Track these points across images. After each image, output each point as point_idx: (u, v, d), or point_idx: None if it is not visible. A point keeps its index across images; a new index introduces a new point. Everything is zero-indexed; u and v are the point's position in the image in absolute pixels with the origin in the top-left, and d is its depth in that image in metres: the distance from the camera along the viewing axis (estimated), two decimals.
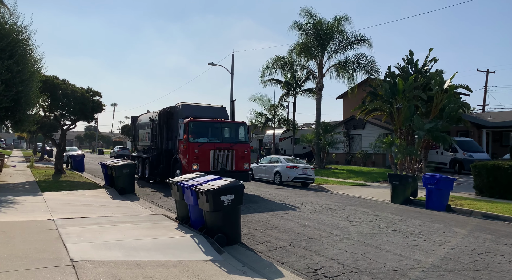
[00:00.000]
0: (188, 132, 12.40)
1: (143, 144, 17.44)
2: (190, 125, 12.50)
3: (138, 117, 19.02)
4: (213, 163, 12.32)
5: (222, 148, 12.52)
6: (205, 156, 12.23)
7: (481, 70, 35.89)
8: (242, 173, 12.78)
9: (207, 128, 13.15)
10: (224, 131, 13.12)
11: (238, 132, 13.48)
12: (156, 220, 7.80)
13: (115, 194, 11.88)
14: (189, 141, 12.27)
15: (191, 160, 12.14)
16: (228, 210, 6.18)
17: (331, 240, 6.71)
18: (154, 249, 5.53)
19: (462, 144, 21.41)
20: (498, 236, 7.45)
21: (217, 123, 13.18)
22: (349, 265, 5.32)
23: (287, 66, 28.38)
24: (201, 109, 14.48)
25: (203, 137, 12.72)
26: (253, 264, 5.32)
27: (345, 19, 25.54)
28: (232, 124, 13.85)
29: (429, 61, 20.27)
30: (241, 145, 13.01)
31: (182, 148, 12.56)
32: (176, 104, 14.78)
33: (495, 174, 12.26)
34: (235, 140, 13.19)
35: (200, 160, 12.13)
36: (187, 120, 12.65)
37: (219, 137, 12.91)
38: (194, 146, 12.21)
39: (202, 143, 12.37)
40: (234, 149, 12.71)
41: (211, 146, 12.43)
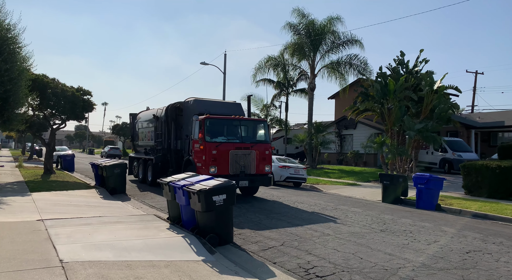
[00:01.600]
0: (204, 130, 10.86)
1: (144, 144, 16.03)
2: (207, 123, 10.97)
3: (137, 115, 17.53)
4: (232, 166, 10.84)
5: (241, 148, 11.05)
6: (223, 157, 10.76)
7: (470, 72, 36.41)
8: (264, 176, 11.38)
9: (224, 127, 11.76)
10: (243, 129, 11.64)
11: (258, 131, 12.04)
12: (148, 220, 7.74)
13: (105, 194, 11.76)
14: (206, 140, 10.76)
15: (208, 162, 10.62)
16: (220, 210, 6.17)
17: (322, 240, 6.74)
18: (145, 249, 5.49)
19: (451, 144, 21.69)
20: (486, 235, 7.57)
21: (235, 121, 11.61)
22: (340, 265, 5.35)
23: (279, 66, 28.45)
24: (215, 105, 12.86)
25: (221, 137, 11.27)
26: (245, 264, 5.32)
27: (337, 20, 25.69)
28: (251, 122, 12.27)
29: (420, 62, 20.49)
30: (262, 144, 11.56)
31: (197, 149, 11.10)
32: (187, 100, 13.21)
33: (483, 174, 12.44)
34: (255, 139, 11.77)
35: (218, 162, 10.65)
36: (202, 117, 11.14)
37: (238, 137, 11.41)
38: (211, 146, 10.72)
39: (220, 143, 10.87)
40: (255, 150, 11.24)
41: (230, 146, 10.95)
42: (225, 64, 28.55)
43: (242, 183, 10.68)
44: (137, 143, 17.22)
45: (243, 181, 10.72)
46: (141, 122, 16.59)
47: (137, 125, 17.13)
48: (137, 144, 17.23)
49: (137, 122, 17.16)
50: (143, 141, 16.15)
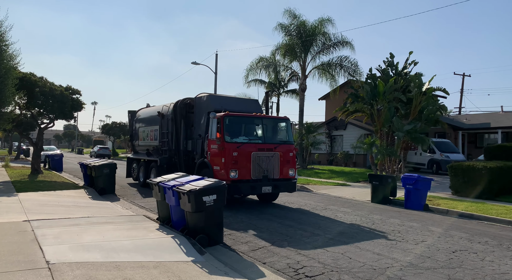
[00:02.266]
0: (223, 129, 9.65)
1: (145, 144, 14.62)
2: (226, 121, 9.76)
3: (137, 112, 16.21)
4: (255, 169, 9.64)
5: (264, 149, 9.84)
6: (245, 160, 9.56)
7: (457, 74, 37.10)
8: (288, 181, 10.21)
9: (244, 125, 10.72)
10: (265, 129, 10.39)
11: (280, 130, 10.89)
12: (137, 221, 7.68)
13: (94, 195, 11.63)
14: (226, 140, 9.56)
15: (228, 165, 9.39)
16: (210, 211, 6.16)
17: (312, 240, 6.77)
18: (134, 250, 5.45)
19: (439, 145, 22.02)
20: (472, 234, 7.70)
21: (257, 119, 10.51)
22: (329, 264, 5.39)
23: (271, 67, 28.50)
24: (231, 102, 11.62)
25: (242, 136, 10.15)
26: (235, 265, 5.32)
27: (328, 21, 25.83)
28: (274, 120, 11.14)
29: (409, 64, 20.74)
30: (285, 145, 10.36)
31: (214, 150, 9.86)
32: (198, 95, 11.86)
33: (470, 174, 12.66)
34: (279, 139, 10.62)
35: (239, 165, 9.46)
36: (221, 114, 9.90)
37: (260, 137, 10.26)
38: (232, 147, 9.49)
39: (241, 143, 9.69)
40: (278, 151, 10.02)
41: (252, 147, 9.74)
42: (216, 64, 28.49)
43: (265, 188, 9.65)
44: (136, 142, 15.76)
45: (266, 187, 9.64)
46: (142, 121, 15.33)
47: (137, 124, 15.78)
48: (136, 144, 15.78)
49: (137, 120, 15.86)
50: (145, 141, 14.79)
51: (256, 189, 9.50)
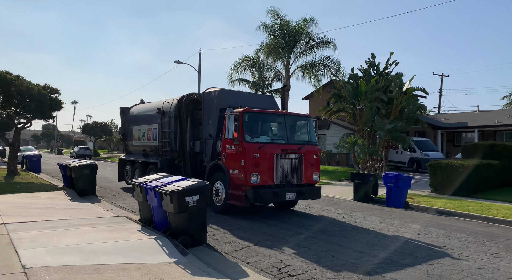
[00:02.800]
0: (242, 127, 8.56)
1: (142, 144, 13.16)
2: (245, 118, 8.68)
3: (130, 109, 14.67)
4: (278, 173, 8.53)
5: (288, 151, 8.73)
6: (267, 162, 8.44)
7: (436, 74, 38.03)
8: (312, 187, 9.13)
9: (265, 124, 9.67)
10: (288, 127, 9.25)
11: (303, 129, 9.78)
12: (118, 222, 7.55)
13: (74, 196, 11.36)
14: (246, 140, 8.44)
15: (248, 169, 8.24)
16: (193, 211, 6.10)
17: (296, 239, 6.82)
18: (115, 252, 5.34)
19: (419, 144, 22.53)
20: (450, 231, 7.92)
21: (279, 117, 9.37)
22: (312, 263, 5.44)
23: (255, 66, 28.51)
24: (245, 98, 10.47)
25: (264, 136, 9.07)
26: (218, 265, 5.30)
27: (311, 21, 26.03)
28: (296, 118, 9.75)
29: (390, 64, 21.12)
30: (309, 146, 9.23)
31: (231, 151, 8.72)
32: (208, 90, 10.58)
33: (448, 172, 13.01)
34: (302, 139, 9.53)
35: (261, 169, 8.35)
36: (240, 110, 8.78)
37: (283, 136, 9.14)
38: (253, 148, 8.37)
39: (263, 144, 8.57)
40: (302, 153, 8.93)
41: (275, 148, 8.63)
42: (199, 63, 28.40)
43: (289, 195, 8.55)
44: (130, 142, 14.12)
45: (290, 193, 8.57)
46: (137, 118, 13.79)
47: (130, 122, 14.21)
48: (130, 144, 14.15)
49: (131, 118, 14.27)
50: (141, 141, 13.28)
51: (279, 195, 8.42)
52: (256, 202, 8.39)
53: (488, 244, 6.83)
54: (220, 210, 8.99)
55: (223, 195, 8.92)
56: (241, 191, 8.34)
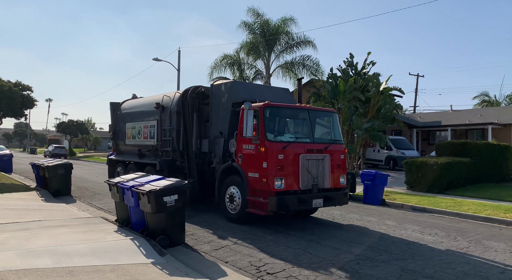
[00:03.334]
0: (263, 124, 7.51)
1: (136, 144, 11.82)
2: (266, 113, 7.63)
3: (121, 104, 13.32)
4: (303, 177, 7.50)
5: (314, 151, 7.74)
6: (291, 164, 7.42)
7: (412, 74, 39.06)
8: (339, 191, 8.12)
9: (287, 120, 8.69)
10: (312, 124, 8.22)
11: (328, 126, 8.76)
12: (94, 223, 7.36)
13: (48, 197, 11.01)
14: (268, 139, 7.43)
15: (271, 172, 7.23)
16: (171, 211, 6.03)
17: (274, 237, 6.85)
18: (90, 254, 5.21)
19: (396, 142, 23.11)
20: (424, 227, 8.17)
21: (303, 112, 8.28)
22: (291, 261, 5.49)
23: (235, 65, 28.45)
24: (261, 91, 9.42)
25: (287, 134, 8.13)
26: (197, 265, 5.26)
27: (291, 21, 26.22)
28: (320, 113, 8.79)
29: (368, 64, 21.51)
30: (336, 146, 8.23)
31: (250, 151, 7.67)
32: (217, 82, 9.48)
33: (422, 170, 13.40)
34: (328, 138, 8.51)
35: (285, 172, 7.33)
36: (260, 104, 7.70)
37: (308, 134, 8.12)
38: (277, 148, 7.37)
39: (288, 143, 7.56)
40: (329, 153, 7.93)
41: (300, 148, 7.60)
42: (179, 61, 28.01)
43: (316, 202, 7.52)
44: (122, 141, 12.78)
45: (317, 199, 7.54)
46: (131, 115, 12.48)
47: (122, 118, 12.88)
48: (122, 143, 12.82)
49: (123, 114, 12.92)
50: (135, 139, 11.96)
51: (306, 202, 7.40)
52: (281, 210, 7.34)
53: (459, 239, 7.09)
54: (236, 218, 7.86)
55: (239, 201, 7.77)
56: (262, 198, 7.25)
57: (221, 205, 8.22)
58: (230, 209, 8.02)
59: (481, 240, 7.10)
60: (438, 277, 4.95)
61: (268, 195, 7.16)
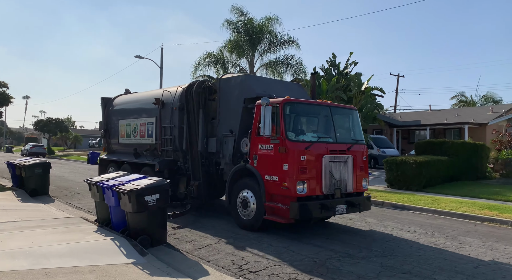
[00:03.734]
0: (283, 122, 6.80)
1: (131, 142, 10.94)
2: (286, 110, 6.96)
3: (113, 100, 12.41)
4: (327, 180, 6.85)
5: (337, 152, 7.10)
6: (314, 167, 6.79)
7: (393, 74, 39.82)
8: (362, 196, 7.58)
9: (308, 118, 8.03)
10: (334, 122, 7.52)
11: (347, 124, 8.10)
12: (73, 223, 7.20)
13: (24, 197, 10.70)
14: (289, 138, 6.75)
15: (293, 175, 6.56)
16: (153, 211, 5.98)
17: (257, 235, 6.87)
18: (68, 255, 5.10)
19: (376, 141, 23.55)
20: (403, 224, 8.36)
21: (325, 109, 7.60)
22: (273, 259, 5.52)
23: (219, 63, 28.31)
24: (274, 85, 8.72)
25: (310, 133, 7.48)
26: (178, 264, 5.23)
27: (275, 20, 26.30)
28: (342, 110, 8.05)
29: (350, 64, 21.82)
30: (358, 146, 7.62)
31: (268, 152, 6.99)
32: (225, 76, 8.74)
33: (402, 168, 13.69)
34: (350, 138, 7.80)
35: (308, 175, 6.69)
36: (279, 100, 6.99)
37: (330, 133, 7.44)
38: (299, 149, 6.69)
39: (311, 143, 6.89)
40: (352, 154, 7.31)
41: (322, 149, 6.95)
42: (161, 59, 27.66)
43: (340, 208, 6.92)
44: (115, 139, 11.86)
45: (341, 205, 6.94)
46: (125, 111, 11.58)
47: (115, 115, 11.96)
48: (115, 142, 11.90)
49: (115, 110, 12.01)
50: (130, 138, 11.06)
51: (329, 208, 6.78)
52: (303, 218, 6.73)
53: (436, 235, 7.29)
54: (250, 225, 7.17)
55: (253, 207, 7.09)
56: (282, 203, 6.62)
57: (232, 210, 7.52)
58: (243, 215, 7.28)
59: (457, 236, 7.32)
60: (415, 273, 5.08)
61: (289, 200, 6.51)
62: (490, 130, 21.32)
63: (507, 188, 13.60)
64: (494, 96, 40.43)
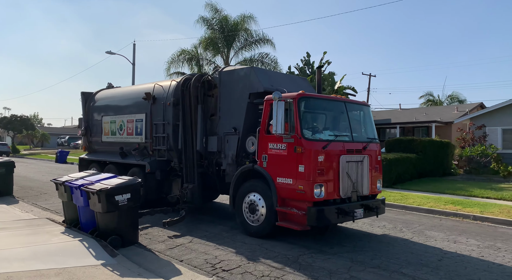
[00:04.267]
0: (299, 119, 6.22)
1: (116, 141, 10.12)
2: (301, 106, 6.35)
3: (95, 95, 11.49)
4: (344, 182, 6.34)
5: (353, 151, 6.60)
6: (331, 168, 6.26)
7: (365, 74, 40.67)
8: (377, 198, 7.10)
9: (322, 115, 7.33)
10: (349, 119, 7.00)
11: (361, 121, 7.53)
12: (38, 225, 6.92)
13: None
14: (305, 136, 6.18)
15: (310, 177, 6.00)
16: (124, 210, 5.84)
17: (231, 234, 6.87)
18: (32, 258, 4.90)
19: None
20: (373, 219, 8.54)
21: (340, 104, 7.06)
22: (247, 257, 5.54)
23: (193, 60, 27.97)
24: (280, 79, 8.04)
25: (327, 131, 6.83)
26: (150, 265, 5.14)
27: (250, 18, 26.26)
28: (356, 106, 7.45)
29: (324, 63, 22.22)
30: (373, 145, 7.14)
31: (280, 152, 6.40)
32: (227, 69, 8.07)
33: None
34: (365, 136, 7.28)
35: (326, 177, 6.15)
36: (292, 95, 6.42)
37: (346, 132, 6.90)
38: (316, 149, 6.12)
39: (328, 142, 6.30)
40: (368, 154, 6.84)
41: (339, 148, 6.42)
42: (134, 55, 27.09)
43: (357, 212, 6.41)
44: (97, 138, 10.91)
45: (358, 209, 6.44)
46: (110, 107, 10.65)
47: (97, 111, 11.04)
48: (97, 140, 10.93)
49: (98, 106, 11.10)
50: (115, 136, 10.18)
51: (347, 214, 6.26)
52: (321, 224, 6.24)
53: (404, 230, 7.56)
54: (258, 232, 6.59)
55: (263, 211, 6.52)
56: (296, 208, 6.11)
57: (238, 216, 6.93)
58: (250, 221, 6.71)
59: (424, 230, 7.62)
60: (384, 267, 5.25)
61: (305, 205, 6.01)
62: (455, 129, 22.29)
63: (469, 183, 14.30)
64: (459, 96, 42.38)
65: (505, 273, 5.16)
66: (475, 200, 10.83)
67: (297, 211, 6.06)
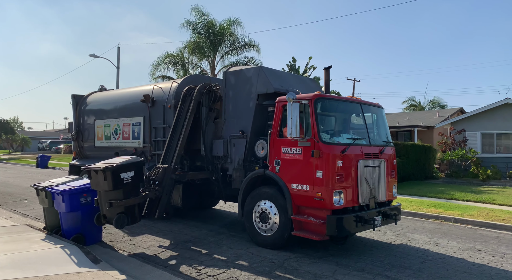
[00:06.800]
0: (316, 121, 5.86)
1: (110, 146, 9.66)
2: (317, 107, 6.00)
3: (87, 98, 10.98)
4: (363, 188, 6.00)
5: (371, 155, 6.28)
6: (350, 173, 5.91)
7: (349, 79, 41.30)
8: (394, 205, 6.82)
9: (340, 116, 6.98)
10: (365, 122, 6.65)
11: (375, 124, 7.07)
12: (17, 232, 6.72)
13: None
14: (323, 140, 5.82)
15: (329, 184, 5.64)
16: None
17: (217, 239, 6.83)
18: (10, 266, 4.75)
19: None
20: None
21: (356, 106, 6.72)
22: (232, 261, 5.52)
23: (179, 64, 27.83)
24: (290, 80, 7.66)
25: (345, 134, 6.50)
26: (134, 271, 5.06)
27: (236, 23, 26.35)
28: (371, 108, 7.00)
29: (309, 68, 22.42)
30: (389, 149, 6.82)
31: (295, 156, 6.01)
32: (234, 69, 7.62)
33: None
34: (381, 139, 6.91)
35: (345, 183, 5.79)
36: (307, 96, 6.07)
37: (363, 135, 6.49)
38: (334, 153, 5.75)
39: (347, 145, 5.92)
40: (384, 158, 6.53)
41: (358, 153, 6.08)
42: (118, 58, 26.68)
43: (378, 221, 6.07)
44: (88, 143, 10.46)
45: (377, 217, 6.09)
46: (103, 110, 10.16)
47: (88, 115, 10.56)
48: (89, 146, 10.46)
49: (90, 109, 10.60)
50: (110, 141, 9.71)
51: (367, 222, 5.92)
52: (342, 234, 5.78)
53: (388, 233, 7.68)
54: (271, 242, 6.18)
55: (276, 220, 6.14)
56: (314, 217, 5.75)
57: (248, 225, 6.52)
58: (262, 230, 6.31)
59: (407, 233, 7.76)
60: (368, 270, 5.31)
61: (324, 213, 5.66)
62: (436, 133, 22.83)
63: (450, 186, 14.66)
64: (440, 101, 43.46)
65: (484, 274, 5.30)
66: (456, 203, 11.09)
67: (314, 220, 5.71)
